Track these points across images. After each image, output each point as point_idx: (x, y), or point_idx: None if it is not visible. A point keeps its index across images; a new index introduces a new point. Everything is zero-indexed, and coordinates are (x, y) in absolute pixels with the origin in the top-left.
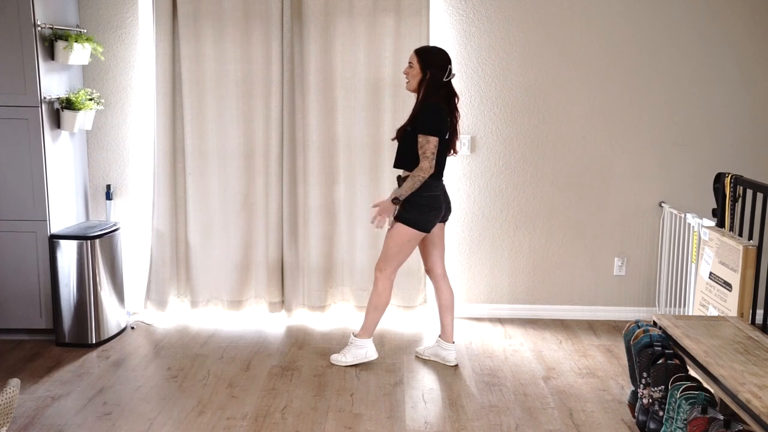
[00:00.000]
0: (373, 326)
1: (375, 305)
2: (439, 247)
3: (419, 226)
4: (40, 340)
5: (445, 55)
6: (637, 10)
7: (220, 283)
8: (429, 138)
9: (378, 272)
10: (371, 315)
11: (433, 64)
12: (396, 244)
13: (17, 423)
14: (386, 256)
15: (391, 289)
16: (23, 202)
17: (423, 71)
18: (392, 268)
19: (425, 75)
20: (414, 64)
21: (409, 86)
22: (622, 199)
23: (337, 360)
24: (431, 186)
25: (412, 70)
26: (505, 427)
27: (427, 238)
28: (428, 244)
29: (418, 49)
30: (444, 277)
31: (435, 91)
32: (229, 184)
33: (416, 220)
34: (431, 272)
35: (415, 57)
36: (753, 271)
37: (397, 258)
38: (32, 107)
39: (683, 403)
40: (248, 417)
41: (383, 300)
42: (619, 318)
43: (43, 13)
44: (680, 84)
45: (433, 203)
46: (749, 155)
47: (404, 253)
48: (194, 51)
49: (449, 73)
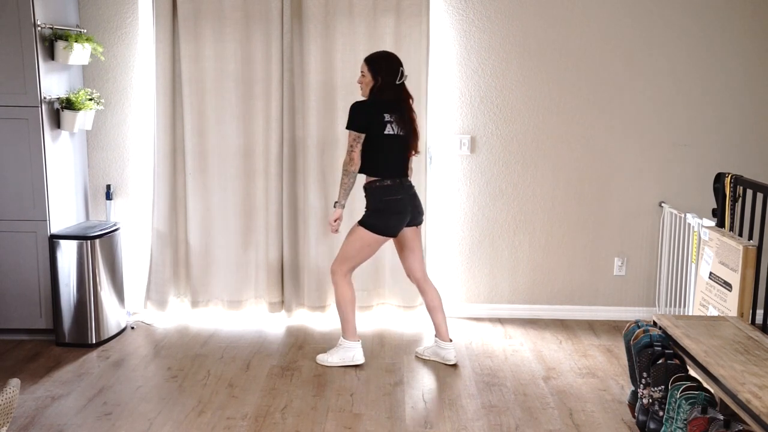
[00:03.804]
0: (352, 325)
1: (342, 307)
2: (415, 251)
3: (379, 230)
4: (40, 340)
5: (395, 59)
6: (638, 10)
7: (220, 283)
8: (349, 132)
9: (333, 274)
10: (343, 316)
11: (383, 70)
12: (354, 248)
13: (17, 423)
14: (342, 257)
15: (351, 285)
16: (23, 202)
17: (374, 78)
18: (347, 268)
19: (377, 82)
20: (365, 73)
21: (363, 94)
22: (622, 199)
23: (323, 360)
24: (390, 190)
25: (364, 78)
26: (505, 427)
27: (401, 243)
28: (403, 249)
29: (367, 58)
30: (425, 280)
31: (386, 96)
32: (229, 184)
33: (375, 225)
34: (411, 276)
35: (365, 66)
36: (753, 271)
37: (354, 260)
38: (32, 107)
39: (683, 403)
40: (248, 417)
41: (348, 298)
42: (619, 318)
43: (43, 13)
44: (680, 84)
45: (393, 207)
46: (749, 155)
47: (362, 256)
48: (194, 51)
49: (401, 76)
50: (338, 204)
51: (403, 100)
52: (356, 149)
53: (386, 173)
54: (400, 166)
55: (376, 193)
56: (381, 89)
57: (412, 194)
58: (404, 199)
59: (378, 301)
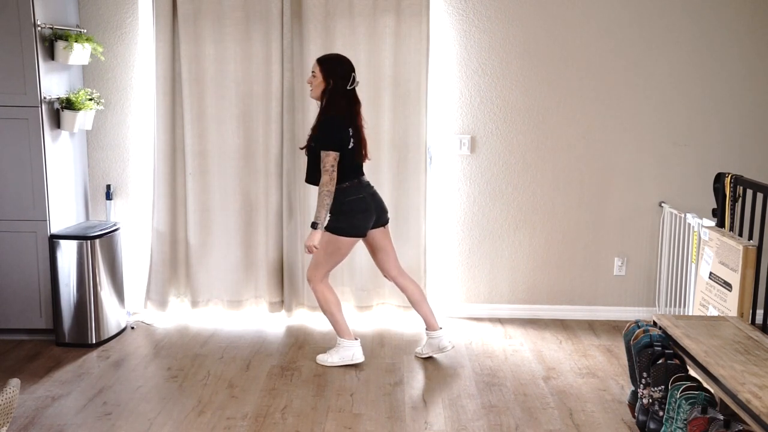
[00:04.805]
0: (343, 325)
1: (327, 311)
2: (387, 251)
3: (347, 232)
4: (40, 340)
5: (347, 63)
6: (638, 10)
7: (220, 283)
8: (328, 152)
9: (309, 281)
10: (331, 319)
11: (335, 73)
12: (325, 253)
13: (17, 423)
14: (316, 263)
15: (330, 288)
16: (23, 202)
17: (326, 80)
18: (321, 274)
19: (328, 84)
20: (317, 74)
21: (313, 94)
22: (622, 199)
23: (323, 360)
24: (350, 191)
25: (315, 79)
26: (505, 427)
27: (371, 245)
28: (375, 251)
29: (320, 59)
30: (401, 276)
31: (337, 101)
32: (229, 184)
33: (343, 228)
34: (387, 276)
35: (317, 66)
36: (753, 271)
37: (327, 265)
38: (32, 107)
39: (683, 403)
40: (248, 417)
41: (331, 301)
42: (619, 318)
43: (43, 13)
44: (680, 84)
45: (357, 207)
46: (749, 155)
47: (335, 260)
48: (194, 51)
49: (353, 81)
50: (320, 226)
51: (355, 108)
52: (335, 168)
53: (343, 177)
54: (356, 169)
55: (338, 197)
56: (332, 93)
57: (372, 192)
58: (366, 197)
59: (378, 301)
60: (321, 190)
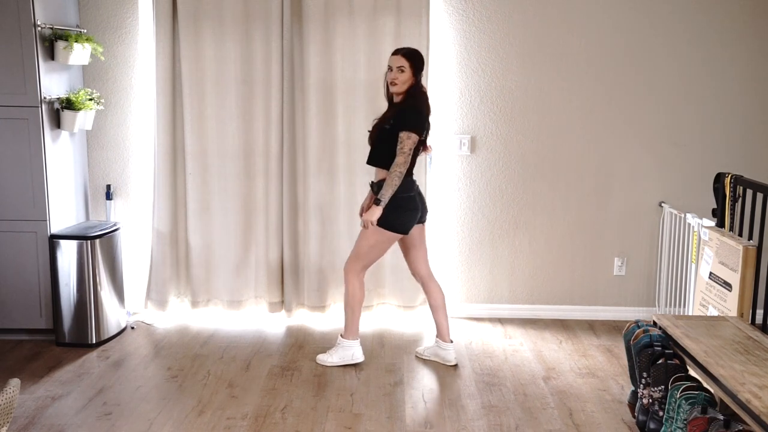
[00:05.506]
0: (356, 326)
1: (350, 305)
2: (420, 249)
3: (395, 228)
4: (40, 340)
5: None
6: (637, 11)
7: (220, 283)
8: (411, 134)
9: (346, 272)
10: (349, 315)
11: (421, 68)
12: (368, 245)
13: (17, 423)
14: (356, 254)
15: (363, 286)
16: (23, 202)
17: (415, 76)
18: (361, 266)
19: (415, 81)
20: (406, 69)
21: (397, 91)
22: (622, 199)
23: (323, 360)
24: (406, 187)
25: (403, 74)
26: (505, 427)
27: (407, 241)
28: (409, 247)
29: (407, 53)
30: (430, 278)
31: (419, 95)
32: (229, 184)
33: (392, 222)
34: (416, 275)
35: (405, 60)
36: (753, 271)
37: (368, 258)
38: (32, 107)
39: (683, 403)
40: (248, 417)
41: (357, 298)
42: (619, 318)
43: (43, 13)
44: (680, 84)
45: (408, 204)
46: (749, 155)
47: (375, 253)
48: (194, 51)
49: None
50: (382, 203)
51: None
52: (411, 153)
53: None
54: (413, 165)
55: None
56: (417, 88)
57: (419, 191)
58: (415, 196)
59: (378, 301)
60: (393, 170)
